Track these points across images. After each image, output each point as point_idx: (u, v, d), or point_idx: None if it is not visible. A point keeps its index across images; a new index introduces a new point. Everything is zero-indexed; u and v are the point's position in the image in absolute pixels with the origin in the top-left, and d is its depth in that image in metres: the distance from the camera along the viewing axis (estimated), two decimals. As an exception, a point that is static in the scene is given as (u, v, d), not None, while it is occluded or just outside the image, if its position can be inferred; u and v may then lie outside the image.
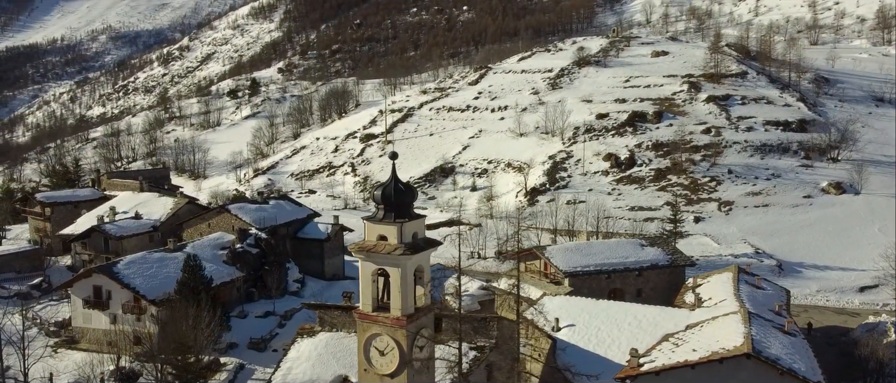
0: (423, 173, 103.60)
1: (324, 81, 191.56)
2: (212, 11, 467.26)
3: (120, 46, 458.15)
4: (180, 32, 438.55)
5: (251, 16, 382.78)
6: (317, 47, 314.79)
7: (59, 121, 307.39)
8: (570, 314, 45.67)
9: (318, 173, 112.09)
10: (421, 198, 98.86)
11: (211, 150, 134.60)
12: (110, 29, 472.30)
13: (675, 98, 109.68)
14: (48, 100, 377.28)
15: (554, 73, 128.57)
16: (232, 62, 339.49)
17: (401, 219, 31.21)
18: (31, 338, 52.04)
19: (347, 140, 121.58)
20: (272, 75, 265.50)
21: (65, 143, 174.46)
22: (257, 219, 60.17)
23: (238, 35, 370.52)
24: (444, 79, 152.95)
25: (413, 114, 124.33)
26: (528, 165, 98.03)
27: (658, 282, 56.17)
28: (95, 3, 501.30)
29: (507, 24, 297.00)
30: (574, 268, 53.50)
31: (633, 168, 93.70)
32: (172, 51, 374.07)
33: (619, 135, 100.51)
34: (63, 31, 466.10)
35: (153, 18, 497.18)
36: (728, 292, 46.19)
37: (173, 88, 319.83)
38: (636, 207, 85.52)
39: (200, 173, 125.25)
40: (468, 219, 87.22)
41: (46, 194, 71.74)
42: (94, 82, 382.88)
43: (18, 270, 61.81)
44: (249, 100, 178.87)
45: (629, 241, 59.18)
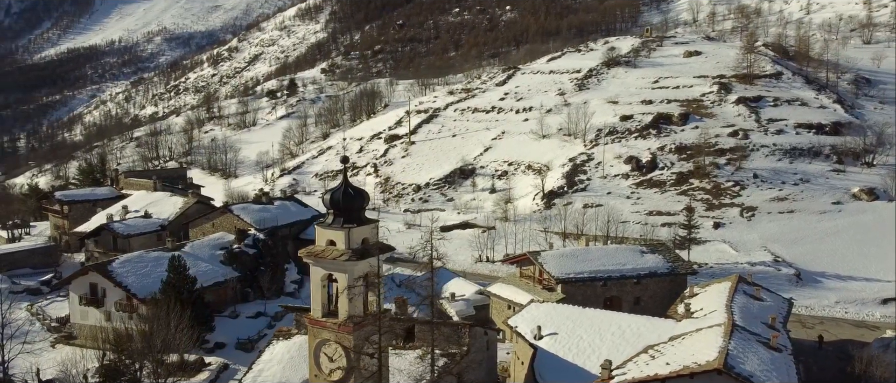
0: (444, 174, 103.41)
1: (358, 82, 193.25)
2: (262, 13, 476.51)
3: (174, 47, 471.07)
4: (231, 33, 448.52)
5: (298, 17, 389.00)
6: (359, 48, 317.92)
7: (114, 120, 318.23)
8: (554, 322, 44.81)
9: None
10: (439, 200, 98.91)
11: (243, 150, 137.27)
12: (165, 30, 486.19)
13: (704, 99, 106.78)
14: (105, 99, 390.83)
15: (582, 74, 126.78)
16: (278, 63, 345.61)
17: (349, 225, 31.17)
18: (34, 333, 54.23)
19: (372, 141, 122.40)
20: (315, 76, 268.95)
21: (110, 142, 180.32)
22: (258, 220, 60.91)
23: (285, 36, 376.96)
24: (472, 79, 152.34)
25: (438, 115, 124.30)
26: (547, 168, 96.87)
27: (657, 291, 54.73)
28: (152, 5, 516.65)
29: (549, 23, 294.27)
30: (567, 275, 52.49)
31: (654, 171, 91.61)
32: (222, 52, 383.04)
33: (642, 138, 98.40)
34: (121, 33, 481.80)
35: (206, 20, 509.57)
36: (720, 303, 44.72)
37: (222, 88, 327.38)
38: (654, 212, 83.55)
39: (231, 173, 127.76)
40: (483, 222, 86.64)
41: (65, 193, 74.23)
42: (148, 82, 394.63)
43: (34, 266, 64.06)
44: (285, 101, 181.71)
45: (628, 248, 57.81)
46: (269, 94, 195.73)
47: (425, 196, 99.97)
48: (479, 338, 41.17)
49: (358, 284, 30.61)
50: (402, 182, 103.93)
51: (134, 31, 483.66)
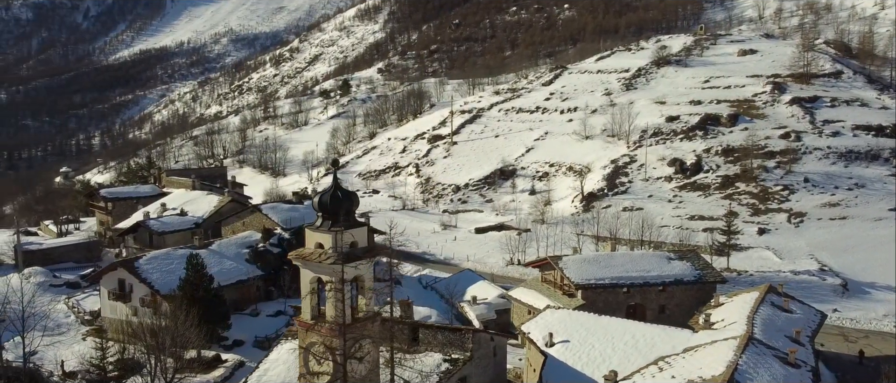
0: (484, 175, 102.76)
1: (410, 82, 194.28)
2: (324, 14, 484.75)
3: (239, 48, 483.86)
4: (294, 34, 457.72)
5: (357, 18, 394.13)
6: (415, 47, 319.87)
7: (180, 119, 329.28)
8: (567, 329, 43.81)
9: (384, 173, 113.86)
10: (477, 201, 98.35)
11: (292, 149, 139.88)
12: (231, 31, 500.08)
13: (756, 100, 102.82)
14: (173, 99, 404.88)
15: (630, 74, 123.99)
16: (337, 63, 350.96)
17: (336, 228, 31.14)
18: (68, 326, 56.50)
19: (416, 141, 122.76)
20: (372, 75, 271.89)
21: (172, 141, 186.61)
22: (285, 219, 61.72)
23: (344, 36, 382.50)
24: (519, 79, 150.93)
25: (482, 115, 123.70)
26: (588, 169, 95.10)
27: (684, 299, 52.87)
28: (219, 7, 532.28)
29: (607, 21, 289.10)
30: (587, 281, 51.25)
31: (699, 174, 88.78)
32: (283, 52, 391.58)
33: (688, 139, 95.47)
34: (189, 35, 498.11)
35: (270, 21, 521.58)
36: (743, 314, 42.98)
37: (282, 88, 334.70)
38: (696, 216, 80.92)
39: (280, 171, 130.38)
40: (518, 224, 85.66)
41: (109, 190, 77.04)
42: (214, 82, 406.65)
43: (77, 260, 66.68)
44: (337, 101, 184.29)
45: (655, 254, 56.07)
46: (323, 94, 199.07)
47: (464, 197, 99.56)
48: (484, 344, 40.56)
49: (344, 287, 30.59)
50: (441, 182, 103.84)
51: (202, 33, 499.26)
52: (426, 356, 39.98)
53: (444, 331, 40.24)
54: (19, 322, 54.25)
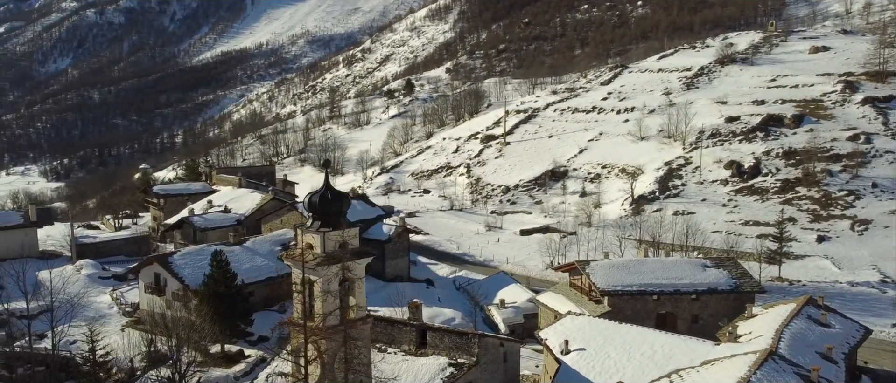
0: (534, 176, 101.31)
1: (473, 82, 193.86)
2: (397, 14, 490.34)
3: (315, 49, 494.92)
4: (368, 35, 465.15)
5: (428, 18, 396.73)
6: (484, 47, 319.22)
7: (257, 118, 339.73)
8: (584, 337, 42.74)
9: (436, 173, 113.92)
10: (527, 202, 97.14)
11: (351, 148, 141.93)
12: (307, 33, 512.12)
13: (824, 100, 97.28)
14: (251, 99, 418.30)
15: (692, 73, 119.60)
16: (407, 63, 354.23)
17: (325, 229, 31.21)
18: (110, 316, 59.03)
19: (469, 141, 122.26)
20: (439, 75, 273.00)
21: (242, 139, 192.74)
22: (320, 218, 62.43)
23: (414, 36, 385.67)
24: (578, 78, 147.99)
25: (537, 115, 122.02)
26: (640, 171, 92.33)
27: (718, 309, 50.62)
28: (296, 9, 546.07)
29: (682, 18, 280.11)
30: (614, 287, 49.70)
31: (757, 177, 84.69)
32: (355, 53, 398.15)
33: (747, 141, 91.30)
34: (268, 36, 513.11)
35: (345, 22, 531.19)
36: (772, 327, 40.84)
37: (353, 88, 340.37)
38: (751, 222, 77.27)
39: (338, 170, 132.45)
40: (565, 226, 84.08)
41: (162, 187, 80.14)
42: (289, 83, 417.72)
43: (128, 254, 69.69)
44: (399, 100, 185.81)
45: (689, 261, 53.85)
46: (387, 94, 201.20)
47: (513, 198, 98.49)
48: (492, 350, 39.91)
49: (332, 288, 30.60)
50: (491, 183, 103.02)
51: (280, 34, 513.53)
52: (432, 359, 39.82)
53: (451, 335, 39.82)
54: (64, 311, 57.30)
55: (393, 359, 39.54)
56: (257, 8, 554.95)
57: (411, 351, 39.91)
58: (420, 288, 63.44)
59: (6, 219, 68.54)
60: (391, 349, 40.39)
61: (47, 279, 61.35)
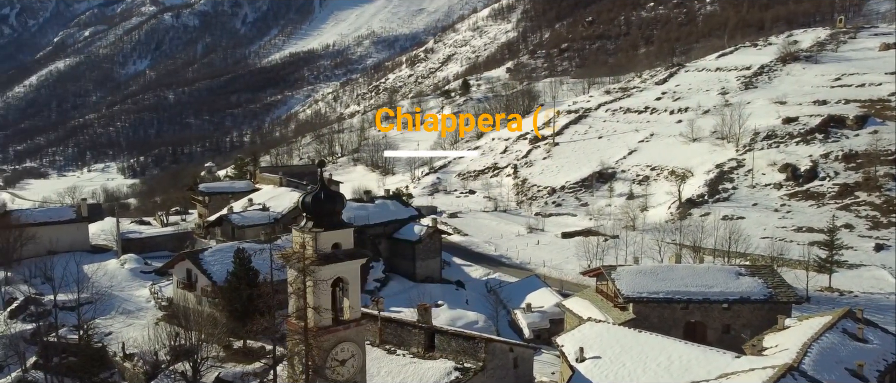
0: (581, 178, 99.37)
1: (530, 81, 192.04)
2: (462, 14, 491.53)
3: (380, 50, 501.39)
4: (432, 35, 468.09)
5: (490, 17, 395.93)
6: (546, 46, 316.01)
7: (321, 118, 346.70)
8: (601, 344, 41.49)
9: (482, 173, 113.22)
10: (572, 204, 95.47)
11: (403, 148, 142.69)
12: (373, 34, 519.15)
13: (892, 100, 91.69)
14: (317, 99, 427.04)
15: (751, 71, 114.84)
16: (469, 63, 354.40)
17: (317, 229, 31.13)
18: (147, 310, 60.93)
19: (518, 141, 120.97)
20: (500, 75, 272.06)
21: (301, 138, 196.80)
22: (351, 217, 62.66)
23: (477, 36, 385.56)
24: (633, 78, 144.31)
25: (588, 115, 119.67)
26: (690, 173, 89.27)
27: (752, 319, 48.17)
28: (363, 10, 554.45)
29: (752, 15, 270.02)
30: (639, 294, 47.96)
31: (813, 181, 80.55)
32: (418, 53, 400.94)
33: (805, 143, 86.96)
34: (335, 38, 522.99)
35: (410, 23, 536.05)
36: (801, 340, 38.66)
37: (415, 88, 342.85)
38: (804, 228, 73.53)
39: (389, 170, 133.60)
40: (608, 230, 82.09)
41: (207, 185, 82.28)
42: (354, 83, 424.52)
43: (172, 249, 71.84)
44: (454, 100, 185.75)
45: (722, 268, 51.43)
46: (444, 94, 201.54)
47: (559, 199, 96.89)
48: (500, 355, 39.08)
49: (323, 288, 30.50)
50: (537, 184, 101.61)
51: (346, 35, 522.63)
52: (439, 362, 39.34)
53: (458, 339, 39.22)
54: (105, 303, 59.48)
55: (400, 361, 39.28)
56: (325, 9, 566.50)
57: (419, 354, 39.53)
58: (449, 289, 63.10)
59: (60, 214, 71.77)
60: (400, 351, 40.11)
61: (92, 272, 64.45)
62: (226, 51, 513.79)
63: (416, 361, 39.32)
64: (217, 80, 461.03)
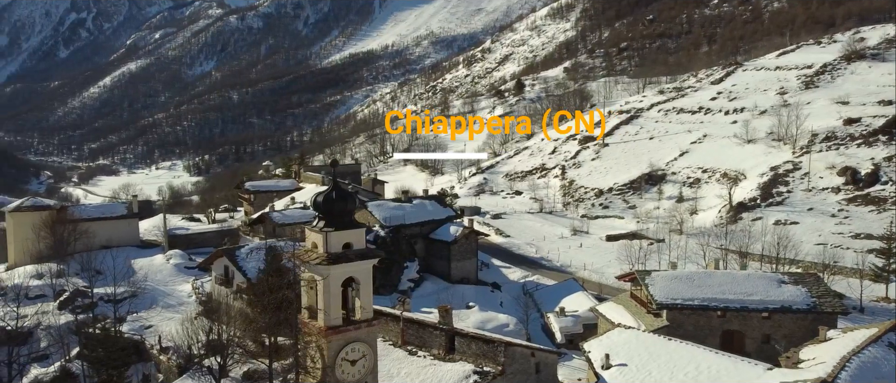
0: (629, 179, 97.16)
1: (585, 81, 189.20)
2: (521, 14, 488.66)
3: (438, 50, 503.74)
4: (491, 35, 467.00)
5: (549, 16, 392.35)
6: (605, 45, 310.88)
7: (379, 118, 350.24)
8: (629, 351, 40.40)
9: (530, 174, 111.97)
10: (620, 207, 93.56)
11: (453, 148, 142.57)
12: (432, 34, 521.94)
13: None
14: (375, 99, 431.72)
15: (813, 70, 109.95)
16: (526, 62, 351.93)
17: (328, 229, 31.16)
18: (188, 305, 62.45)
19: (567, 142, 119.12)
20: (557, 74, 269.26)
21: (355, 138, 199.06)
22: (387, 216, 63.15)
23: (535, 36, 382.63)
24: (688, 77, 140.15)
25: (639, 115, 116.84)
26: (743, 176, 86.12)
27: (795, 330, 45.98)
28: (422, 11, 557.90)
29: (822, 12, 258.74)
30: (673, 300, 46.35)
31: (875, 186, 76.50)
32: (476, 53, 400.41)
33: (867, 145, 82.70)
34: (394, 38, 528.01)
35: (469, 23, 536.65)
36: (839, 353, 36.73)
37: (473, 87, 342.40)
38: (862, 234, 69.88)
39: (438, 170, 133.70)
40: (654, 233, 80.00)
41: (253, 183, 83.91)
42: (412, 83, 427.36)
43: (216, 246, 73.44)
44: (506, 100, 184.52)
45: (763, 275, 49.28)
46: (497, 94, 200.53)
47: (606, 201, 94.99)
48: (520, 359, 38.37)
49: (334, 288, 30.48)
50: (585, 186, 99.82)
51: (405, 36, 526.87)
52: (458, 365, 38.92)
53: (478, 342, 38.70)
54: (148, 296, 61.26)
55: (421, 363, 39.04)
56: (385, 10, 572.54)
57: (440, 356, 39.22)
58: (484, 291, 62.54)
59: (112, 210, 74.31)
60: (422, 352, 39.87)
61: (139, 267, 66.61)
62: (288, 52, 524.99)
63: (436, 363, 39.00)
64: (279, 80, 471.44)
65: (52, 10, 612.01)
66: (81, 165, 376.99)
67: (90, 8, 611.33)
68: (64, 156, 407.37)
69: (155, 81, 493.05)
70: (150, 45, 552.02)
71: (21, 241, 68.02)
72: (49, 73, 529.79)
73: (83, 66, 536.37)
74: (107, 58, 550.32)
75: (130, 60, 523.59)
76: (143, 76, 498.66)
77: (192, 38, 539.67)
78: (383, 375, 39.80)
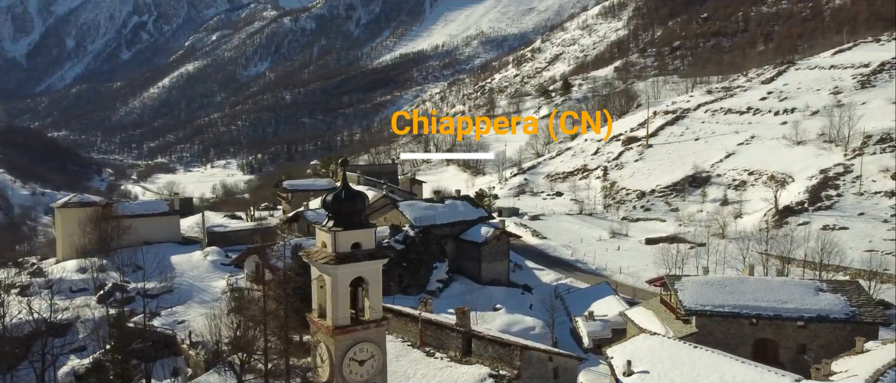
0: (672, 182, 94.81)
1: (635, 80, 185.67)
2: (573, 13, 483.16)
3: (488, 50, 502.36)
4: (541, 35, 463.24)
5: (600, 15, 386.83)
6: (657, 44, 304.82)
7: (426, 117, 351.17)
8: (652, 358, 39.46)
9: (571, 175, 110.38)
10: (662, 209, 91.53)
11: (497, 148, 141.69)
12: (482, 34, 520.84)
13: None
14: (425, 99, 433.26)
15: (870, 69, 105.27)
16: (576, 62, 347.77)
17: (337, 228, 31.13)
18: (222, 301, 63.59)
19: (610, 143, 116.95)
20: (607, 74, 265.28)
21: (400, 138, 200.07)
22: (417, 216, 63.05)
23: (585, 35, 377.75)
24: (737, 77, 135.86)
25: (685, 116, 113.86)
26: (791, 179, 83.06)
27: (833, 340, 44.08)
28: (472, 11, 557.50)
29: (888, 9, 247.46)
30: (703, 306, 44.94)
31: (932, 190, 72.74)
32: (525, 53, 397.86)
33: (925, 148, 78.72)
34: (444, 38, 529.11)
35: (519, 23, 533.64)
36: (874, 366, 35.10)
37: (521, 88, 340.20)
38: (916, 241, 66.50)
39: (480, 170, 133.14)
40: (696, 237, 77.85)
41: (290, 182, 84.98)
42: (461, 83, 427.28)
43: (253, 243, 74.77)
44: (551, 100, 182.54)
45: (799, 282, 47.25)
46: (544, 93, 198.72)
47: (648, 204, 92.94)
48: (537, 364, 37.75)
49: (341, 287, 30.41)
50: (627, 187, 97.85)
51: (455, 36, 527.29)
52: (474, 368, 38.50)
53: (495, 345, 38.21)
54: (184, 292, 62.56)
55: (437, 365, 38.79)
56: (435, 11, 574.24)
57: (456, 358, 38.89)
58: (514, 293, 61.85)
59: (154, 207, 76.39)
60: (439, 354, 39.59)
61: (178, 263, 68.20)
62: (339, 52, 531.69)
63: (452, 365, 38.68)
64: (330, 80, 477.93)
65: (115, 14, 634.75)
66: (140, 163, 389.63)
67: (151, 11, 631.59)
68: (124, 154, 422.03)
69: (211, 82, 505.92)
70: (207, 47, 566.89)
71: (68, 236, 70.41)
72: (112, 74, 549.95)
73: (144, 68, 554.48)
74: (166, 59, 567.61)
75: (188, 61, 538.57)
76: (200, 77, 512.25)
77: (247, 39, 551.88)
78: (400, 376, 39.71)
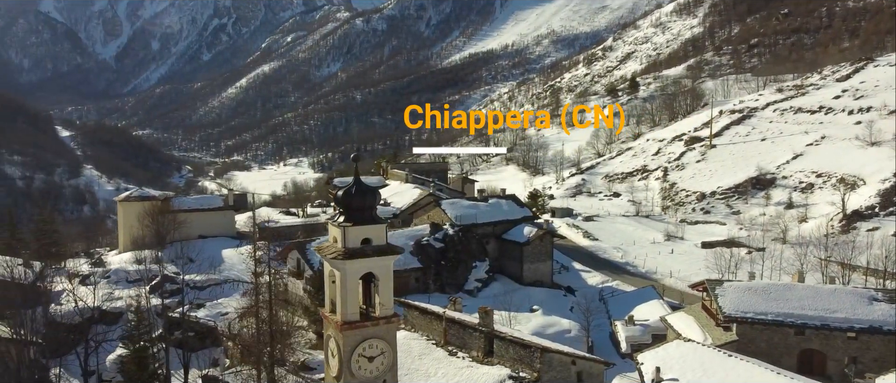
0: (735, 183, 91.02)
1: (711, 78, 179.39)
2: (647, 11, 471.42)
3: (559, 49, 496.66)
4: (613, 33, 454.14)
5: (675, 12, 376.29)
6: (734, 42, 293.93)
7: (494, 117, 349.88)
8: (683, 366, 38.04)
9: (630, 176, 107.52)
10: (722, 212, 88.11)
11: (557, 148, 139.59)
12: (553, 33, 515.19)
13: None
14: (493, 99, 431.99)
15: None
16: (649, 60, 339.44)
17: (347, 223, 31.11)
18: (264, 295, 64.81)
19: (672, 143, 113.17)
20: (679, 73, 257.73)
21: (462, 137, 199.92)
22: (459, 215, 62.68)
23: (659, 33, 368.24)
24: (810, 74, 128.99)
25: (752, 115, 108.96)
26: (861, 182, 78.35)
27: (884, 352, 41.31)
28: (543, 10, 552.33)
29: None
30: (744, 314, 42.81)
31: None
32: (596, 52, 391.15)
33: None
34: (514, 38, 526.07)
35: (592, 21, 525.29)
36: (924, 383, 32.71)
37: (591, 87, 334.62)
38: None
39: (539, 170, 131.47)
40: (754, 241, 74.47)
41: (340, 180, 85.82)
42: (530, 83, 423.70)
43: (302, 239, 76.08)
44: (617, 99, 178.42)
45: (852, 291, 44.31)
46: (610, 92, 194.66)
47: (708, 206, 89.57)
48: (558, 367, 36.86)
49: (351, 283, 30.32)
50: (686, 189, 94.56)
51: (526, 35, 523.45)
52: (495, 369, 37.87)
53: (516, 346, 37.46)
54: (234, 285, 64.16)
55: (458, 364, 38.40)
56: (505, 10, 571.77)
57: (478, 358, 38.36)
58: (556, 294, 60.63)
59: (209, 203, 78.73)
60: (461, 353, 39.17)
61: (227, 256, 70.07)
62: (410, 53, 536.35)
63: (473, 365, 38.23)
64: (400, 80, 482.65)
65: (197, 17, 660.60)
66: (218, 161, 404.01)
67: (230, 14, 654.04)
68: (203, 152, 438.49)
69: (285, 82, 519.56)
70: (282, 48, 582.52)
71: (129, 229, 73.40)
72: (193, 75, 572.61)
73: (223, 69, 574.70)
74: (244, 60, 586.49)
75: (264, 62, 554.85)
76: (275, 77, 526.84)
77: (320, 40, 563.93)
78: (421, 374, 39.47)
